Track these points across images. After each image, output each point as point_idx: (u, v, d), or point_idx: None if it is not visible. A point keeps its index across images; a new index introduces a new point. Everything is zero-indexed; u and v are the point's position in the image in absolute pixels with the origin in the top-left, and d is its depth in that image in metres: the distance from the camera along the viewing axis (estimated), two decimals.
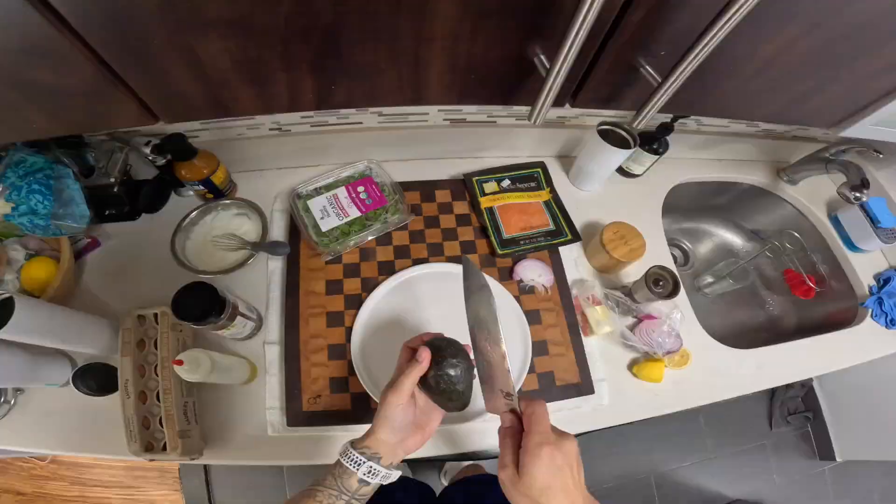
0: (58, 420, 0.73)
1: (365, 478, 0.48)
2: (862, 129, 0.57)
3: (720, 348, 0.91)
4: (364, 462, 0.48)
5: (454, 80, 0.41)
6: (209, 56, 0.33)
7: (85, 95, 0.35)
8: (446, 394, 0.53)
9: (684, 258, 1.27)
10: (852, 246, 1.09)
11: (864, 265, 1.08)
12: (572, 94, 0.44)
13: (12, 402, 0.73)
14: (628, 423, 0.87)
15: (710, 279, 1.19)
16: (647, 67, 0.40)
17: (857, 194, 0.90)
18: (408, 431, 0.53)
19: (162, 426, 0.66)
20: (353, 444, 0.51)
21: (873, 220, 1.03)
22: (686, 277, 1.23)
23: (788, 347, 0.94)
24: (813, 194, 1.16)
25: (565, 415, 0.80)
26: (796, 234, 1.16)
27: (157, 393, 0.69)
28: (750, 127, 1.10)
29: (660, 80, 0.38)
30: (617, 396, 0.83)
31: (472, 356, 0.56)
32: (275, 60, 0.35)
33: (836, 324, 1.02)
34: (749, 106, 0.49)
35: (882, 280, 1.05)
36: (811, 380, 1.97)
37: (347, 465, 0.49)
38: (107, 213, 0.84)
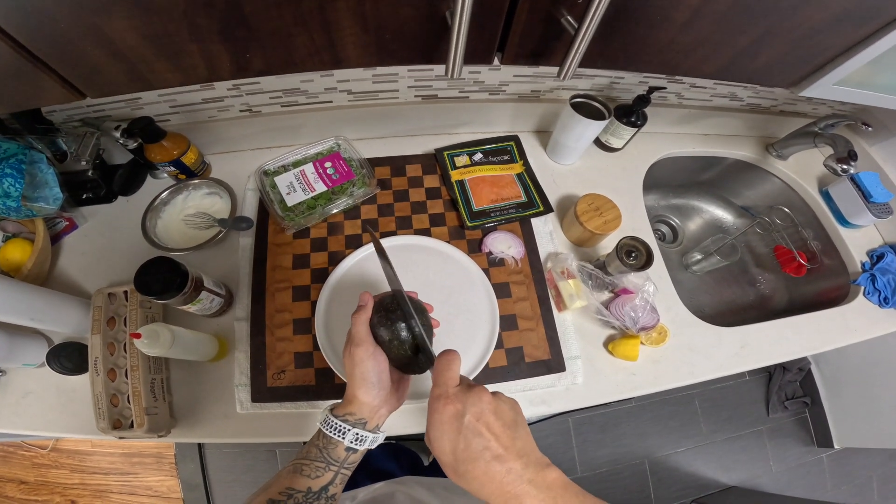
0: (35, 401, 0.74)
1: (352, 445, 0.45)
2: (823, 89, 0.55)
3: (701, 326, 0.88)
4: (349, 430, 0.45)
5: (368, 41, 0.41)
6: (117, 34, 0.35)
7: (8, 77, 0.37)
8: (398, 351, 0.49)
9: (673, 235, 1.25)
10: (844, 221, 1.06)
11: (857, 241, 1.05)
12: (498, 49, 0.44)
13: None
14: (621, 407, 0.85)
15: (698, 256, 1.17)
16: (567, 16, 0.39)
17: (844, 166, 0.88)
18: (387, 387, 0.49)
19: (130, 403, 0.67)
20: (334, 411, 0.47)
21: (865, 195, 1.01)
22: (674, 255, 1.21)
23: (774, 326, 0.91)
24: (803, 169, 1.13)
25: (538, 394, 0.79)
26: (786, 210, 1.13)
27: (126, 370, 0.69)
28: (733, 101, 1.08)
29: (576, 27, 0.37)
30: (592, 375, 0.81)
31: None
32: (182, 33, 0.36)
33: (828, 302, 0.99)
34: (691, 61, 0.48)
35: (875, 256, 1.02)
36: (809, 364, 1.93)
37: (332, 434, 0.45)
38: (84, 196, 0.85)
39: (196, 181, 0.87)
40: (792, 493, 1.77)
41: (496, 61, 0.46)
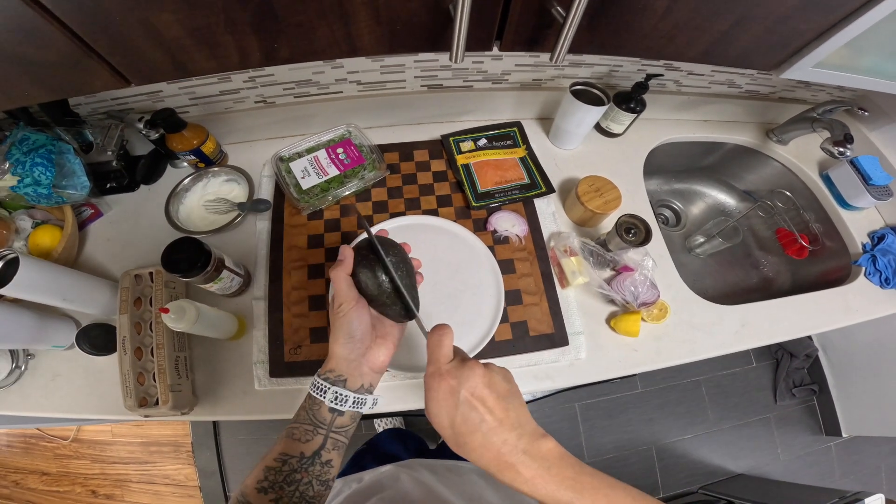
0: (64, 383, 0.76)
1: (334, 406, 0.44)
2: (803, 71, 0.57)
3: (702, 303, 0.90)
4: (329, 388, 0.44)
5: (382, 32, 0.44)
6: (164, 26, 0.38)
7: (64, 65, 0.40)
8: (380, 297, 0.48)
9: (676, 219, 1.27)
10: (845, 204, 1.08)
11: (858, 223, 1.06)
12: (497, 37, 0.47)
13: (23, 368, 0.76)
14: (628, 393, 0.87)
15: (700, 239, 1.19)
16: (556, 6, 0.42)
17: (841, 149, 0.90)
18: (368, 341, 0.47)
19: (155, 381, 0.69)
20: (318, 373, 0.47)
21: (865, 178, 1.02)
22: (678, 238, 1.23)
23: (775, 305, 0.92)
24: (803, 153, 1.15)
25: (543, 369, 0.80)
26: (787, 193, 1.15)
27: (152, 349, 0.71)
28: (732, 88, 1.10)
29: (564, 15, 0.41)
30: (595, 351, 0.83)
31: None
32: (220, 25, 0.39)
33: (830, 283, 1.00)
34: (674, 46, 0.51)
35: (876, 238, 1.03)
36: (816, 351, 1.93)
37: (315, 394, 0.45)
38: (108, 185, 0.90)
39: (215, 168, 0.92)
40: (800, 482, 1.76)
41: (495, 48, 0.49)
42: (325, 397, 0.44)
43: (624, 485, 0.38)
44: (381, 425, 1.70)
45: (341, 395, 0.44)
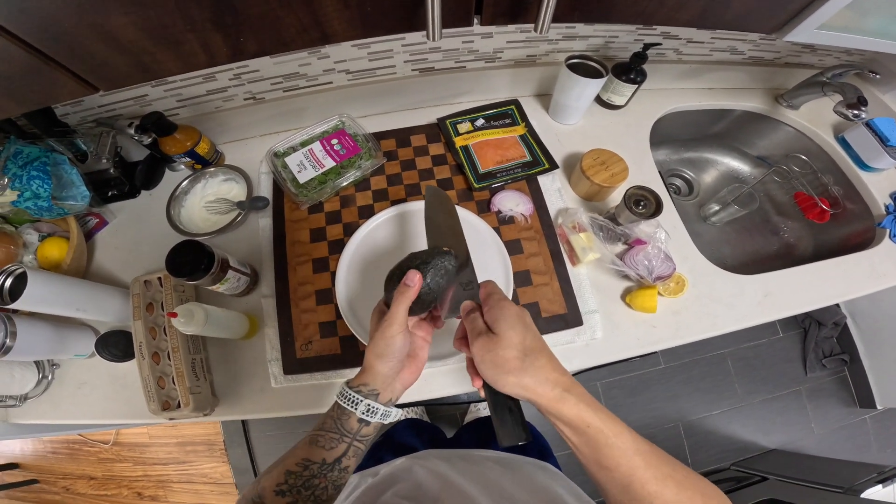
0: (90, 390, 0.76)
1: (364, 417, 0.45)
2: (807, 33, 0.55)
3: (721, 274, 0.84)
4: (361, 400, 0.45)
5: (351, 15, 0.41)
6: (118, 30, 0.37)
7: (26, 76, 0.39)
8: (432, 300, 0.50)
9: (689, 188, 1.21)
10: (864, 165, 1.01)
11: (880, 184, 0.99)
12: (476, 10, 0.44)
13: (50, 378, 0.76)
14: (651, 369, 0.82)
15: (715, 207, 1.12)
16: None
17: (855, 111, 0.85)
18: (403, 361, 0.48)
19: (175, 384, 0.68)
20: (349, 383, 0.47)
21: (883, 140, 0.97)
22: (691, 207, 1.17)
23: (798, 273, 0.85)
24: (816, 117, 1.08)
25: (559, 350, 0.76)
26: (803, 157, 1.08)
27: (168, 353, 0.71)
28: (734, 55, 1.04)
29: None
30: (612, 330, 0.78)
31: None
32: (178, 24, 0.38)
33: (855, 247, 0.93)
34: (665, 10, 0.47)
35: None
36: (844, 318, 1.82)
37: (345, 405, 0.45)
38: (109, 194, 0.88)
39: (212, 169, 0.89)
40: (836, 456, 1.66)
41: (476, 23, 0.46)
42: (356, 409, 0.45)
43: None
44: (402, 414, 1.67)
45: (373, 407, 0.45)
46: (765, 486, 1.48)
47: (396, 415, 0.48)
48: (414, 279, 0.47)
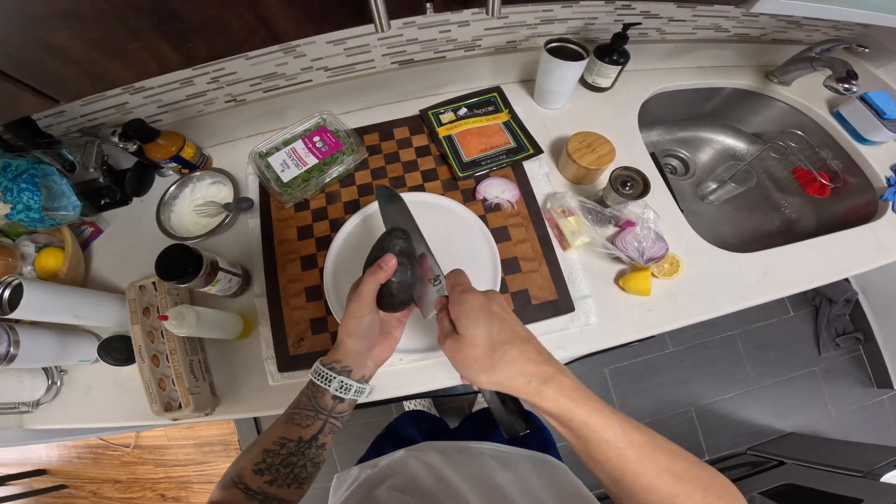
0: (98, 394, 0.77)
1: (338, 393, 0.45)
2: (775, 4, 0.55)
3: (717, 253, 0.81)
4: (334, 377, 0.45)
5: (297, 13, 0.41)
6: (62, 43, 0.37)
7: None
8: (400, 296, 0.49)
9: (684, 167, 1.18)
10: (861, 139, 0.98)
11: (879, 157, 0.96)
12: None
13: (59, 384, 0.77)
14: (659, 353, 0.79)
15: (712, 185, 1.09)
16: None
17: (846, 86, 0.83)
18: (374, 338, 0.49)
19: (175, 385, 0.69)
20: (322, 361, 0.47)
21: (879, 113, 0.94)
22: (688, 186, 1.14)
23: (799, 249, 0.82)
24: (809, 93, 1.05)
25: (553, 338, 0.74)
26: (799, 133, 1.04)
27: (167, 355, 0.71)
28: (719, 32, 1.02)
29: None
30: (606, 314, 0.76)
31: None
32: (121, 34, 0.38)
33: (858, 220, 0.90)
34: None
35: None
36: (856, 295, 1.75)
37: (319, 382, 0.45)
38: (102, 202, 0.88)
39: (198, 173, 0.89)
40: (856, 439, 1.60)
41: (429, 10, 0.45)
42: (329, 385, 0.45)
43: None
44: (409, 406, 1.67)
45: (346, 384, 0.45)
46: (782, 470, 1.44)
47: (371, 392, 0.48)
48: (388, 263, 0.47)
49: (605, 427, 0.35)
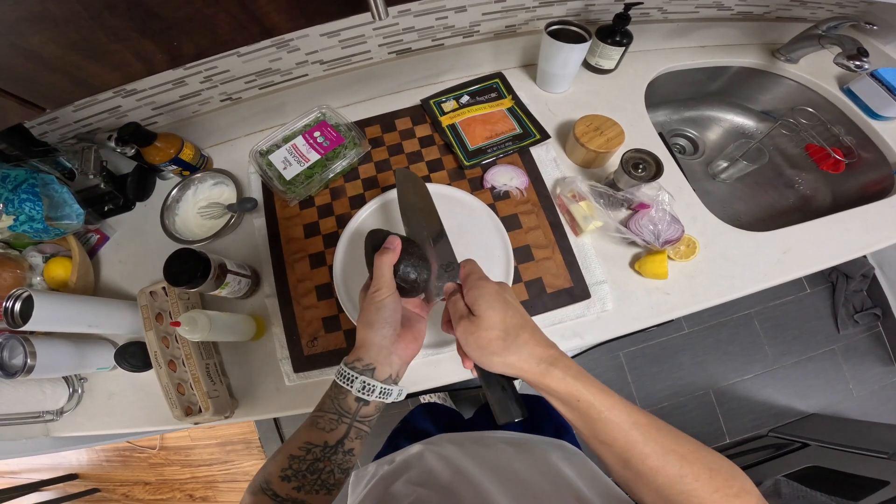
0: (119, 401, 0.76)
1: (361, 395, 0.41)
2: None
3: (734, 233, 0.77)
4: (356, 377, 0.41)
5: (289, 5, 0.39)
6: (39, 48, 0.35)
7: None
8: (418, 283, 0.48)
9: (693, 147, 1.13)
10: (874, 115, 0.94)
11: (893, 132, 0.92)
12: None
13: (80, 392, 0.76)
14: (674, 335, 0.75)
15: (723, 164, 1.05)
16: None
17: (857, 62, 0.80)
18: (397, 329, 0.45)
19: (193, 390, 0.68)
20: (345, 361, 0.44)
21: (891, 89, 0.90)
22: (698, 166, 1.10)
23: (817, 226, 0.78)
24: (818, 70, 1.01)
25: (569, 326, 0.71)
26: (810, 110, 1.00)
27: (182, 360, 0.70)
28: (722, 11, 0.98)
29: None
30: (623, 300, 0.72)
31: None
32: (99, 36, 0.35)
33: (875, 195, 0.86)
34: None
35: None
36: (873, 270, 1.67)
37: (342, 383, 0.42)
38: (106, 209, 0.86)
39: (199, 175, 0.86)
40: (878, 419, 1.53)
41: None
42: (351, 387, 0.42)
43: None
44: (425, 399, 1.65)
45: (369, 384, 0.42)
46: (806, 452, 1.39)
47: (398, 393, 0.44)
48: (394, 243, 0.46)
49: (610, 407, 0.36)
